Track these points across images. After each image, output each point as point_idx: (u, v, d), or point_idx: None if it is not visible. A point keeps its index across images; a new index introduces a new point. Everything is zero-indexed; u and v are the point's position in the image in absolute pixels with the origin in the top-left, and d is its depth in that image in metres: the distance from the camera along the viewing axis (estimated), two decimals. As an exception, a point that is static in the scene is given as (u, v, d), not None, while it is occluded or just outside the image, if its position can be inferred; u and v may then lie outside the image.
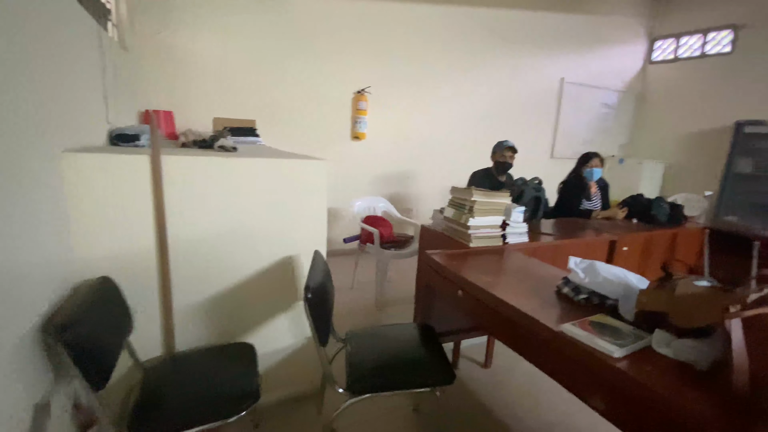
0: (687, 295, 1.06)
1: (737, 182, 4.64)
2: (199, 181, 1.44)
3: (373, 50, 3.82)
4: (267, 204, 1.57)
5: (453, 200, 2.15)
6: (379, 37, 3.83)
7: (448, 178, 4.48)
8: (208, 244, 1.50)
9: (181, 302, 1.51)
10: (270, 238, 1.60)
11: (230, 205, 1.50)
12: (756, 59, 4.55)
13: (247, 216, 1.54)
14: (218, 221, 1.50)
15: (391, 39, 3.89)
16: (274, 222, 1.60)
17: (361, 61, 3.79)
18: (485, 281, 1.51)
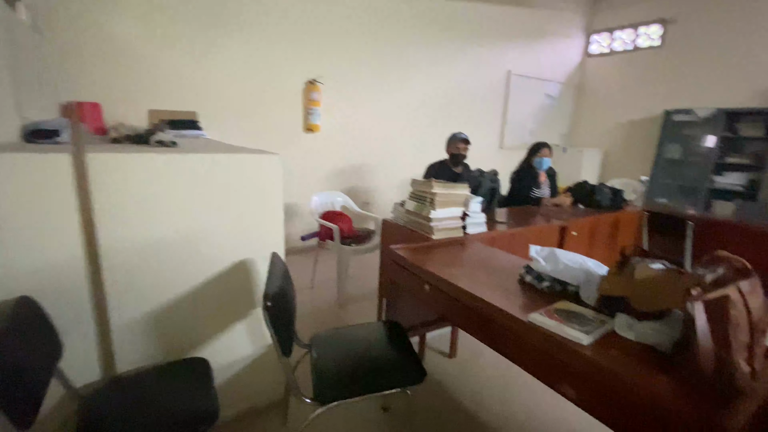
0: (646, 279, 1.10)
1: (667, 167, 5.07)
2: (133, 181, 1.27)
3: (324, 39, 3.67)
4: (216, 204, 1.43)
5: (414, 193, 2.11)
6: (330, 26, 3.68)
7: (405, 170, 4.48)
8: (148, 251, 1.34)
9: (119, 318, 1.34)
10: (221, 241, 1.47)
11: (172, 207, 1.35)
12: (682, 52, 4.96)
13: (193, 218, 1.40)
14: (159, 226, 1.34)
15: (342, 28, 3.76)
16: (225, 224, 1.46)
17: (312, 49, 3.63)
18: (451, 274, 1.49)
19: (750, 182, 4.40)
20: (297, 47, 3.54)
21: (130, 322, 1.36)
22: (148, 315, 1.39)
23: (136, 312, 1.37)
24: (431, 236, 1.94)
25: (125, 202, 1.27)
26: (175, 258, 1.39)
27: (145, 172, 1.28)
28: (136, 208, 1.29)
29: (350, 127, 4.02)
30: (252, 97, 3.41)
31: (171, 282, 1.41)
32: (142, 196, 1.29)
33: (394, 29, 4.10)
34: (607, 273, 1.22)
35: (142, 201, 1.29)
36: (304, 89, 3.66)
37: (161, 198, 1.32)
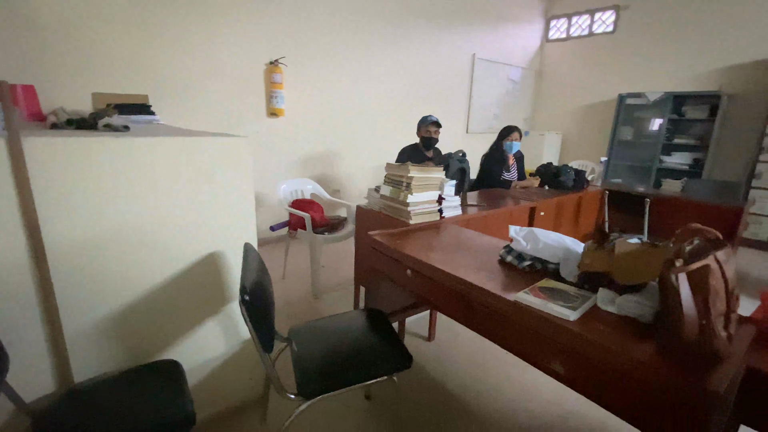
0: (626, 254, 1.12)
1: (621, 148, 5.34)
2: (81, 170, 1.13)
3: (286, 18, 3.48)
4: (178, 193, 1.30)
5: (389, 177, 2.07)
6: (292, 4, 3.49)
7: (375, 156, 4.42)
8: (103, 247, 1.20)
9: (74, 322, 1.20)
10: (186, 233, 1.35)
11: (128, 197, 1.22)
12: (634, 37, 5.19)
13: (154, 209, 1.27)
14: (114, 218, 1.20)
15: (305, 6, 3.57)
16: (190, 214, 1.34)
17: (273, 28, 3.43)
18: (433, 258, 1.47)
19: (695, 161, 4.73)
20: (257, 25, 3.34)
21: (86, 325, 1.23)
22: (107, 317, 1.26)
23: (93, 314, 1.24)
24: (409, 221, 1.91)
25: (73, 194, 1.13)
26: (134, 253, 1.26)
27: (95, 158, 1.14)
28: (86, 200, 1.15)
29: (316, 111, 3.88)
30: (209, 79, 3.19)
31: (131, 279, 1.28)
32: (92, 187, 1.15)
33: (359, 9, 3.96)
34: (586, 249, 1.24)
35: (93, 192, 1.16)
36: (266, 71, 3.47)
37: (115, 188, 1.19)
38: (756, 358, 0.92)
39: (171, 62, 3.00)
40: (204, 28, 3.09)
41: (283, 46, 3.50)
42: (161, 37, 2.93)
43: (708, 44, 4.60)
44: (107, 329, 1.27)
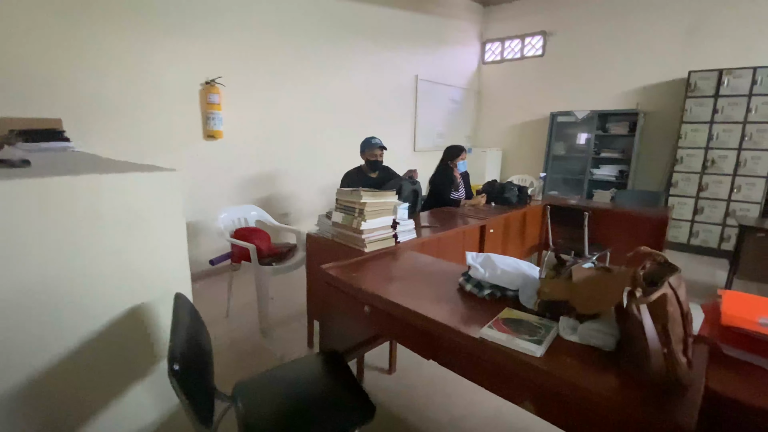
0: (583, 281, 1.11)
1: (555, 163, 5.71)
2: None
3: (222, 35, 3.30)
4: (97, 239, 1.11)
5: (340, 203, 1.97)
6: (229, 20, 3.32)
7: (324, 175, 4.30)
8: (9, 308, 0.98)
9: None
10: (107, 285, 1.14)
11: (33, 247, 1.00)
12: (561, 61, 5.63)
13: (66, 260, 1.06)
14: (10, 274, 0.98)
15: (244, 23, 3.42)
16: (108, 263, 1.14)
17: (208, 47, 3.23)
18: (391, 291, 1.38)
19: (620, 173, 5.16)
20: (190, 43, 3.12)
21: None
22: (16, 388, 1.02)
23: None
24: (364, 249, 1.81)
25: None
26: (46, 312, 1.04)
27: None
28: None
29: (258, 133, 3.69)
30: (135, 100, 2.90)
31: (44, 343, 1.05)
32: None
33: (301, 29, 3.89)
34: (544, 276, 1.23)
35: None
36: (202, 91, 3.25)
37: (10, 238, 0.97)
38: (714, 380, 0.93)
39: (95, 83, 2.69)
40: (132, 46, 2.83)
41: (220, 65, 3.31)
42: (83, 56, 2.62)
43: (625, 66, 5.10)
44: (16, 402, 1.02)
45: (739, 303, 1.15)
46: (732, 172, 4.27)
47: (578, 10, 5.37)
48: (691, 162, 4.48)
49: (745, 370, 0.99)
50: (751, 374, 0.97)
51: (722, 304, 1.14)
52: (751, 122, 4.08)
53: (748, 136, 4.12)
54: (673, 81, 4.75)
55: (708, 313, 1.24)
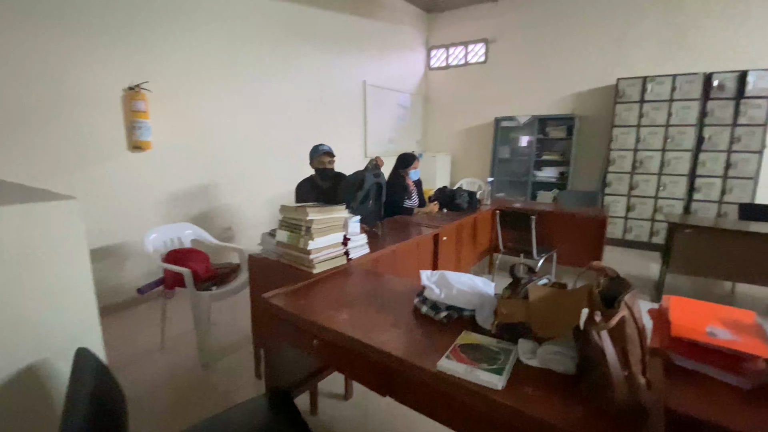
0: (539, 301, 1.07)
1: (501, 165, 5.90)
2: None
3: (149, 35, 2.99)
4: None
5: (285, 221, 1.81)
6: (157, 21, 3.02)
7: (269, 186, 4.07)
8: None
9: None
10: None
11: None
12: (503, 67, 5.83)
13: None
14: None
15: (174, 24, 3.13)
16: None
17: (132, 48, 2.91)
18: (342, 320, 1.26)
19: (561, 174, 5.44)
20: (110, 42, 2.79)
21: None
22: None
23: None
24: (312, 270, 1.68)
25: None
26: None
27: None
28: None
29: (194, 142, 3.40)
30: (45, 110, 2.53)
31: None
32: None
33: (242, 30, 3.65)
34: (501, 298, 1.17)
35: None
36: (125, 97, 2.91)
37: None
38: (671, 397, 0.92)
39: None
40: (40, 48, 2.46)
41: (147, 68, 3.00)
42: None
43: (561, 74, 5.38)
44: None
45: (686, 310, 1.17)
46: (658, 171, 4.63)
47: (516, 20, 5.60)
48: (622, 163, 4.81)
49: (696, 381, 0.99)
50: (703, 385, 0.97)
51: (670, 313, 1.15)
52: (672, 125, 4.46)
53: (670, 138, 4.49)
54: (604, 87, 5.08)
55: (656, 320, 1.25)
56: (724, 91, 4.16)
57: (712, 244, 3.02)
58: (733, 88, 4.11)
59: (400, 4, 5.75)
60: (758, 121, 4.04)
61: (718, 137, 4.26)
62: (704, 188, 4.42)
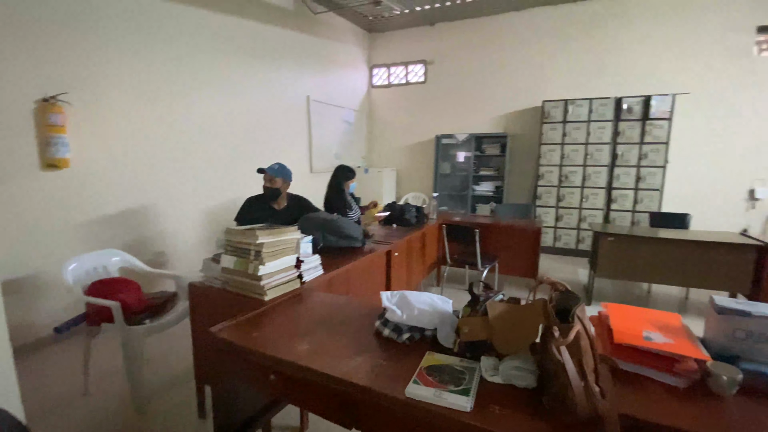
0: (499, 318, 1.11)
1: (443, 180, 6.14)
2: None
3: (66, 41, 2.69)
4: None
5: (231, 245, 1.70)
6: (78, 25, 2.73)
7: (208, 207, 3.82)
8: None
9: None
10: None
11: None
12: (441, 88, 6.13)
13: None
14: None
15: (97, 30, 2.85)
16: None
17: (46, 55, 2.59)
18: (302, 351, 1.20)
19: (497, 188, 5.79)
20: (19, 47, 2.46)
21: None
22: None
23: None
24: (263, 298, 1.58)
25: None
26: None
27: None
28: None
29: (123, 160, 3.10)
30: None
31: None
32: None
33: (177, 40, 3.43)
34: (462, 316, 1.20)
35: None
36: (37, 110, 2.58)
37: None
38: (621, 402, 0.99)
39: None
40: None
41: (64, 78, 2.69)
42: None
43: (494, 95, 5.79)
44: None
45: (623, 317, 1.28)
46: (580, 184, 5.12)
47: (452, 44, 5.94)
48: (550, 177, 5.25)
49: (638, 383, 1.07)
50: (644, 387, 1.06)
51: (610, 320, 1.25)
52: (591, 143, 4.98)
53: (589, 155, 5.00)
54: (532, 108, 5.54)
55: (597, 327, 1.35)
56: (632, 114, 4.74)
57: (630, 250, 3.38)
58: (639, 110, 4.71)
59: (342, 22, 5.83)
60: (661, 140, 4.66)
61: (629, 154, 4.83)
62: (620, 199, 4.96)
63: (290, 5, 4.81)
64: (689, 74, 4.76)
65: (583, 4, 5.15)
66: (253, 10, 4.26)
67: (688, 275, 3.26)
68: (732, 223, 4.70)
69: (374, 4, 5.11)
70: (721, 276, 3.15)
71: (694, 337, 1.15)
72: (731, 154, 4.74)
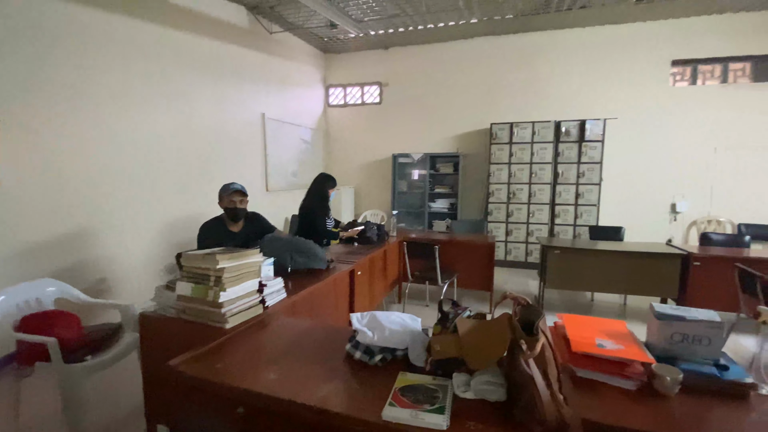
0: (468, 334, 1.15)
1: (400, 198, 6.27)
2: None
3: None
4: None
5: (189, 271, 1.61)
6: (10, 33, 2.51)
7: (155, 227, 3.59)
8: None
9: None
10: None
11: None
12: (396, 109, 6.32)
13: None
14: None
15: (37, 40, 2.63)
16: None
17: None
18: (271, 382, 1.16)
19: (451, 205, 6.00)
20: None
21: None
22: None
23: None
24: (224, 326, 1.51)
25: None
26: None
27: None
28: None
29: (57, 181, 2.84)
30: None
31: None
32: None
33: (122, 53, 3.25)
34: (433, 335, 1.23)
35: None
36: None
37: None
38: (582, 408, 1.06)
39: None
40: None
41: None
42: None
43: (447, 116, 6.07)
44: None
45: (578, 326, 1.37)
46: (527, 201, 5.45)
47: (405, 67, 6.19)
48: (500, 194, 5.55)
49: (594, 388, 1.16)
50: (599, 391, 1.14)
51: (567, 330, 1.34)
52: (535, 163, 5.35)
53: (534, 174, 5.37)
54: (482, 130, 5.87)
55: (554, 337, 1.44)
56: (570, 136, 5.18)
57: (574, 262, 3.64)
58: (576, 133, 5.16)
59: (298, 42, 5.86)
60: (596, 160, 5.12)
61: (569, 173, 5.25)
62: (562, 214, 5.34)
63: (246, 24, 4.77)
64: (617, 101, 5.32)
65: (525, 36, 5.61)
66: (208, 27, 4.17)
67: (625, 283, 3.57)
68: (659, 234, 5.23)
69: (330, 27, 5.21)
70: (653, 283, 3.49)
71: (640, 342, 1.26)
72: (655, 172, 5.32)
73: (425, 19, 5.02)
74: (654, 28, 5.13)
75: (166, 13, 3.68)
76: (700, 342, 1.18)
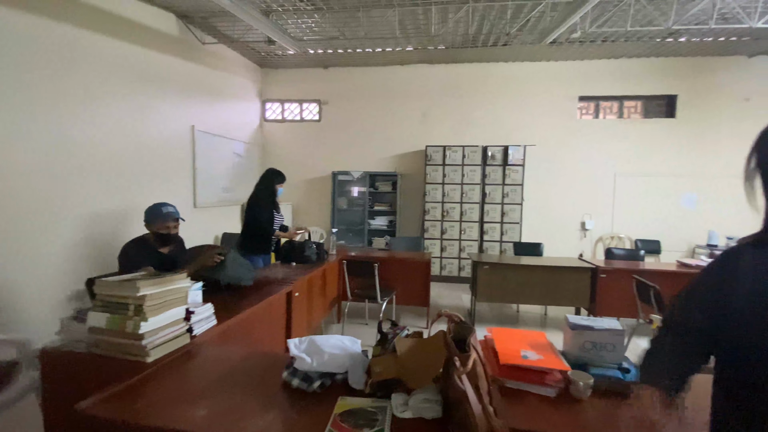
0: (407, 354, 1.18)
1: (340, 215, 6.26)
2: None
3: None
4: None
5: (103, 300, 1.45)
6: None
7: (62, 252, 3.17)
8: None
9: None
10: None
11: None
12: (335, 126, 6.35)
13: None
14: None
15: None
16: None
17: None
18: (201, 418, 1.08)
19: (390, 222, 6.13)
20: None
21: None
22: None
23: None
24: (145, 360, 1.38)
25: None
26: None
27: None
28: None
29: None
30: None
31: None
32: None
33: (36, 58, 2.88)
34: (373, 356, 1.24)
35: None
36: None
37: None
38: (512, 417, 1.14)
39: None
40: None
41: None
42: None
43: (385, 137, 6.26)
44: None
45: (505, 339, 1.48)
46: (459, 219, 5.77)
47: (344, 87, 6.30)
48: (435, 212, 5.81)
49: (519, 397, 1.25)
50: (524, 400, 1.23)
51: (495, 344, 1.44)
52: (465, 183, 5.71)
53: (465, 194, 5.71)
54: (417, 151, 6.13)
55: (484, 350, 1.54)
56: (495, 160, 5.62)
57: (501, 276, 3.91)
58: (500, 157, 5.61)
59: (233, 55, 5.68)
60: (518, 182, 5.60)
61: (495, 193, 5.67)
62: (490, 231, 5.73)
63: (176, 32, 4.53)
64: (535, 130, 5.92)
65: (456, 66, 6.04)
66: (132, 32, 3.88)
67: (545, 295, 3.91)
68: (571, 249, 5.82)
69: (268, 43, 5.14)
70: (568, 294, 3.86)
71: (557, 351, 1.39)
72: (566, 194, 5.96)
73: (363, 43, 5.18)
74: (565, 67, 5.84)
75: (82, 14, 3.36)
76: (606, 348, 1.35)
